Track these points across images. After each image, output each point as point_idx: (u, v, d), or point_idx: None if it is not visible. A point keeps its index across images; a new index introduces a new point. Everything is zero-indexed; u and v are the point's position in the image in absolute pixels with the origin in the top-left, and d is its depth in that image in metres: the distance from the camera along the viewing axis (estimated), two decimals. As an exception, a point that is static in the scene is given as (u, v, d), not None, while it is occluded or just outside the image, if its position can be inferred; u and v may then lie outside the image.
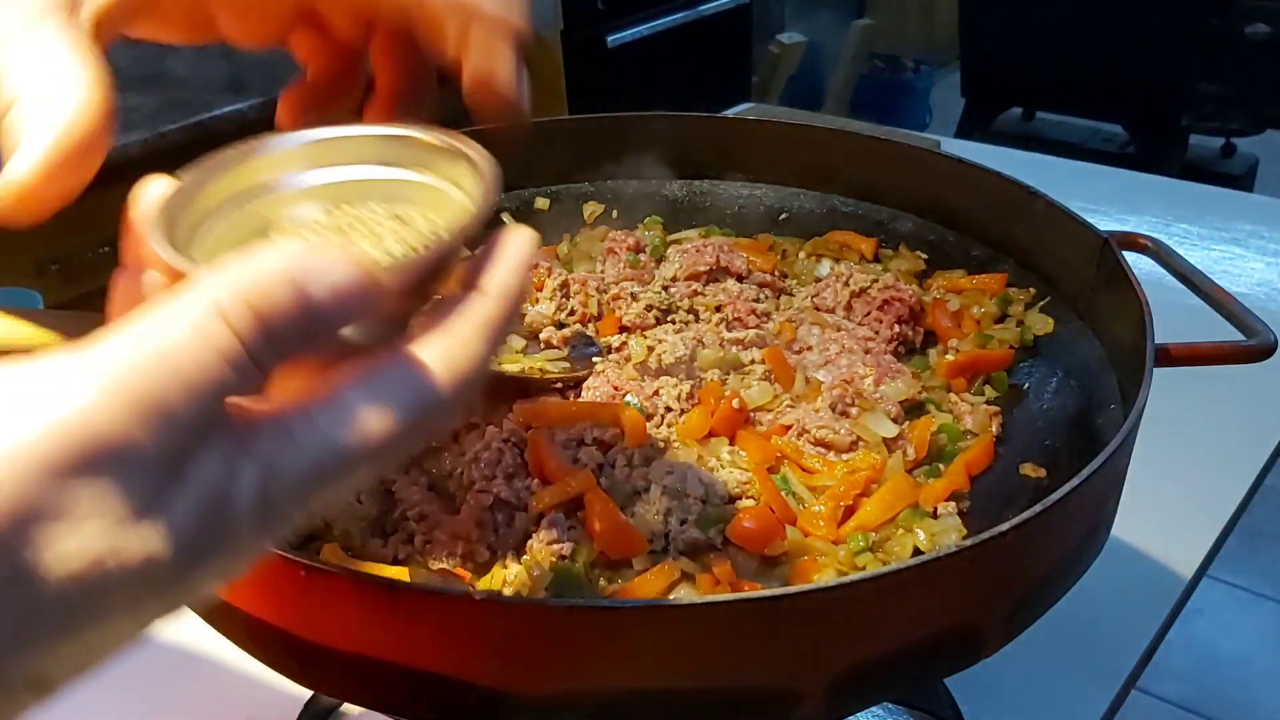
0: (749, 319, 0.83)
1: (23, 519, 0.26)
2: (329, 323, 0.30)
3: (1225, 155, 3.39)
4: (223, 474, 0.29)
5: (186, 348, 0.28)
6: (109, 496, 0.27)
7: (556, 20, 2.62)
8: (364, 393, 0.31)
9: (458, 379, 0.33)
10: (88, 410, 0.27)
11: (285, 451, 0.30)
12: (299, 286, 0.30)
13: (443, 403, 0.32)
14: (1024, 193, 0.82)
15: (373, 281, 0.31)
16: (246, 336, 0.29)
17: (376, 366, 0.32)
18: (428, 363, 0.32)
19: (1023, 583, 0.55)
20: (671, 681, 0.49)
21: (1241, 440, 1.07)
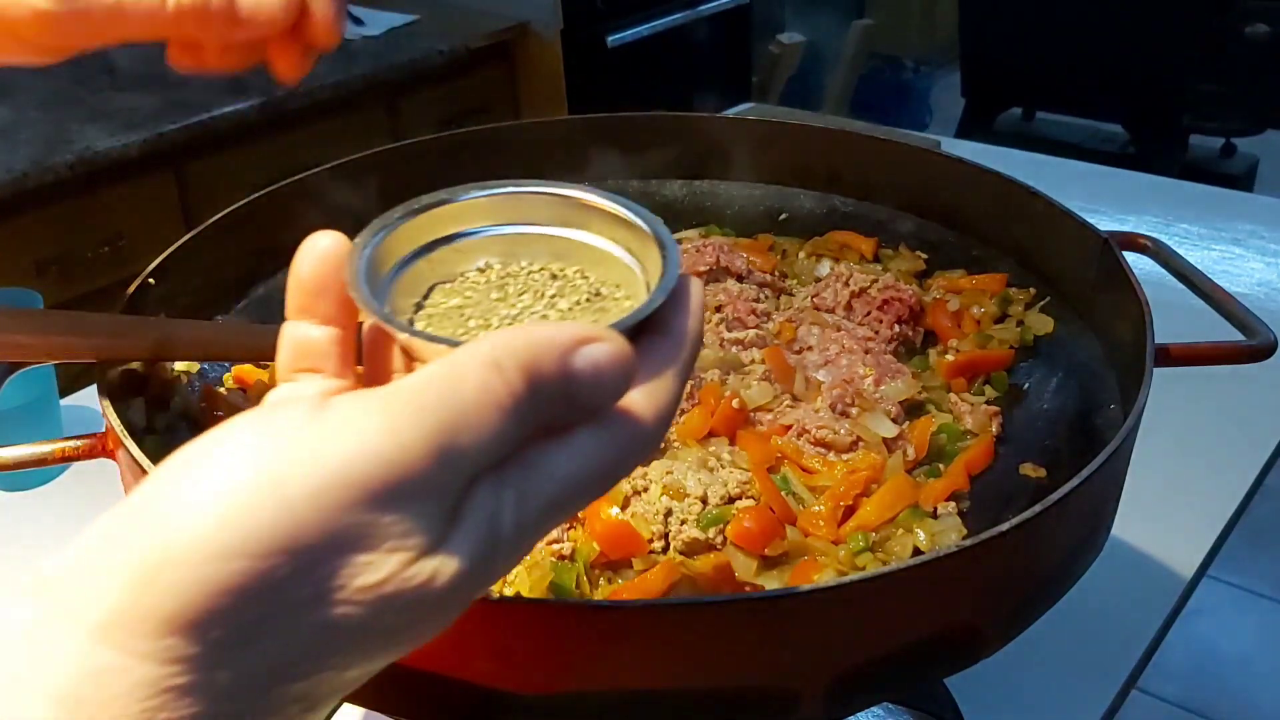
0: (749, 319, 0.82)
1: (335, 544, 0.29)
2: (585, 402, 0.34)
3: (1225, 155, 3.38)
4: (494, 507, 0.32)
5: (474, 400, 0.31)
6: (411, 530, 0.30)
7: (556, 20, 2.62)
8: (593, 434, 0.34)
9: (661, 419, 0.36)
10: (396, 448, 0.29)
11: (532, 483, 0.33)
12: (566, 361, 0.33)
13: (649, 439, 0.36)
14: (1024, 193, 0.82)
15: (629, 368, 0.34)
16: (521, 396, 0.32)
17: (603, 414, 0.35)
18: (639, 406, 0.35)
19: (1023, 583, 0.55)
20: (671, 681, 0.49)
21: (1241, 440, 1.07)
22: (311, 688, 0.30)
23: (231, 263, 0.83)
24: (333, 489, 0.29)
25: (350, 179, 0.89)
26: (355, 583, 0.29)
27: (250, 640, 0.28)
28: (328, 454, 0.29)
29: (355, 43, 2.43)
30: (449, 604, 0.32)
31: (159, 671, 0.28)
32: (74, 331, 0.61)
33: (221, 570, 0.28)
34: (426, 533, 0.30)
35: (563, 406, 0.33)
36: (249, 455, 0.29)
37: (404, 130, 2.38)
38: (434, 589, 0.30)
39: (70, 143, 1.91)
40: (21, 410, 1.00)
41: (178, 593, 0.28)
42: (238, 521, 0.28)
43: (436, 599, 0.31)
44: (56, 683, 0.27)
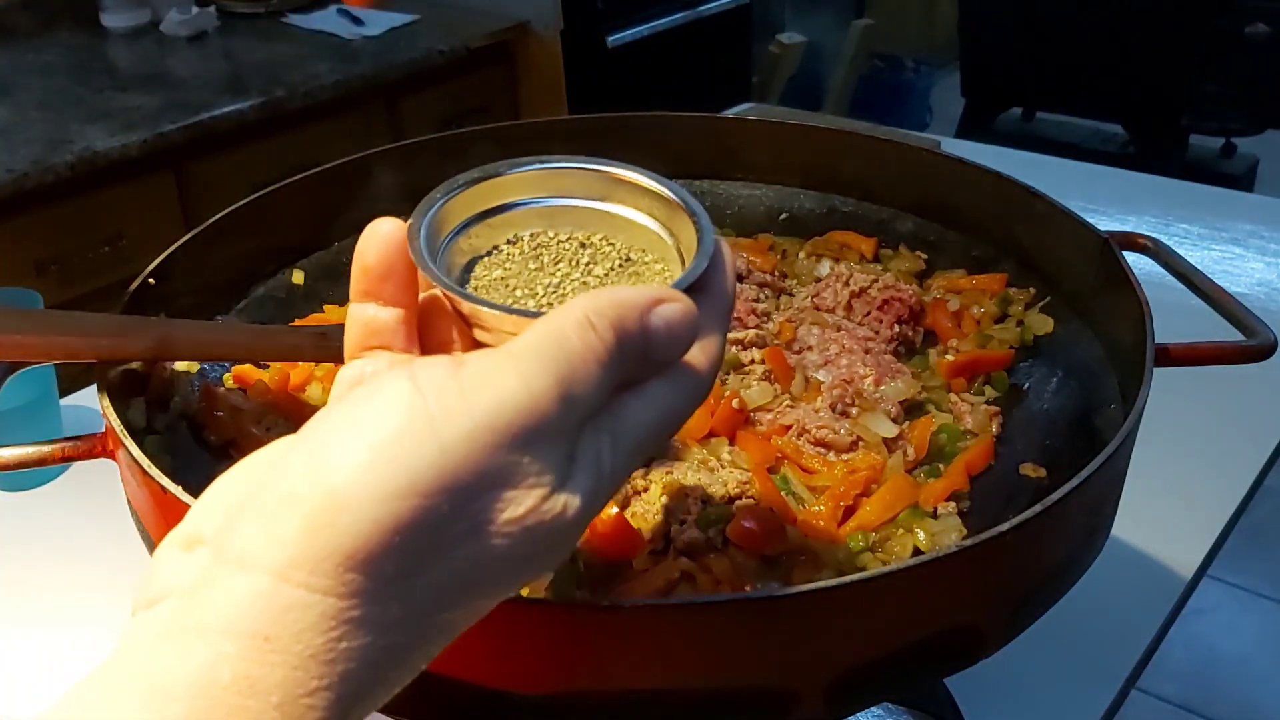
0: (749, 319, 0.82)
1: (487, 482, 0.33)
2: (659, 356, 0.38)
3: (1225, 155, 3.38)
4: (597, 449, 0.36)
5: (580, 354, 0.35)
6: (545, 468, 0.34)
7: (556, 20, 2.62)
8: (663, 385, 0.39)
9: (714, 369, 0.40)
10: (529, 396, 0.33)
11: (621, 429, 0.37)
12: (645, 319, 0.37)
13: (705, 386, 0.40)
14: (1024, 193, 0.82)
15: (696, 326, 0.38)
16: (613, 350, 0.36)
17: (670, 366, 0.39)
18: (696, 358, 0.40)
19: (1023, 583, 0.55)
20: (671, 681, 0.49)
21: (1241, 440, 1.07)
22: (460, 616, 0.34)
23: (231, 263, 0.83)
24: (482, 432, 0.32)
25: (350, 179, 0.89)
26: (503, 516, 0.33)
27: (417, 572, 0.32)
28: (474, 402, 0.33)
29: (355, 43, 2.43)
30: (571, 535, 0.36)
31: (340, 605, 0.31)
32: (74, 331, 0.61)
33: (392, 509, 0.31)
34: (556, 470, 0.34)
35: (641, 360, 0.37)
36: (403, 405, 0.32)
37: (404, 130, 2.38)
38: (564, 521, 0.34)
39: (70, 143, 1.91)
40: (21, 410, 1.00)
41: (355, 532, 0.31)
42: (403, 464, 0.31)
43: (564, 530, 0.35)
44: (244, 624, 0.30)
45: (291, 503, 0.31)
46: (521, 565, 0.35)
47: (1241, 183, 3.27)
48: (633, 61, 2.82)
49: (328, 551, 0.31)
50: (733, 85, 3.16)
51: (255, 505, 0.32)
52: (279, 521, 0.31)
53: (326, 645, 0.30)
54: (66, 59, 2.35)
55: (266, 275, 0.85)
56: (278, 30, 2.54)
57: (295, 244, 0.87)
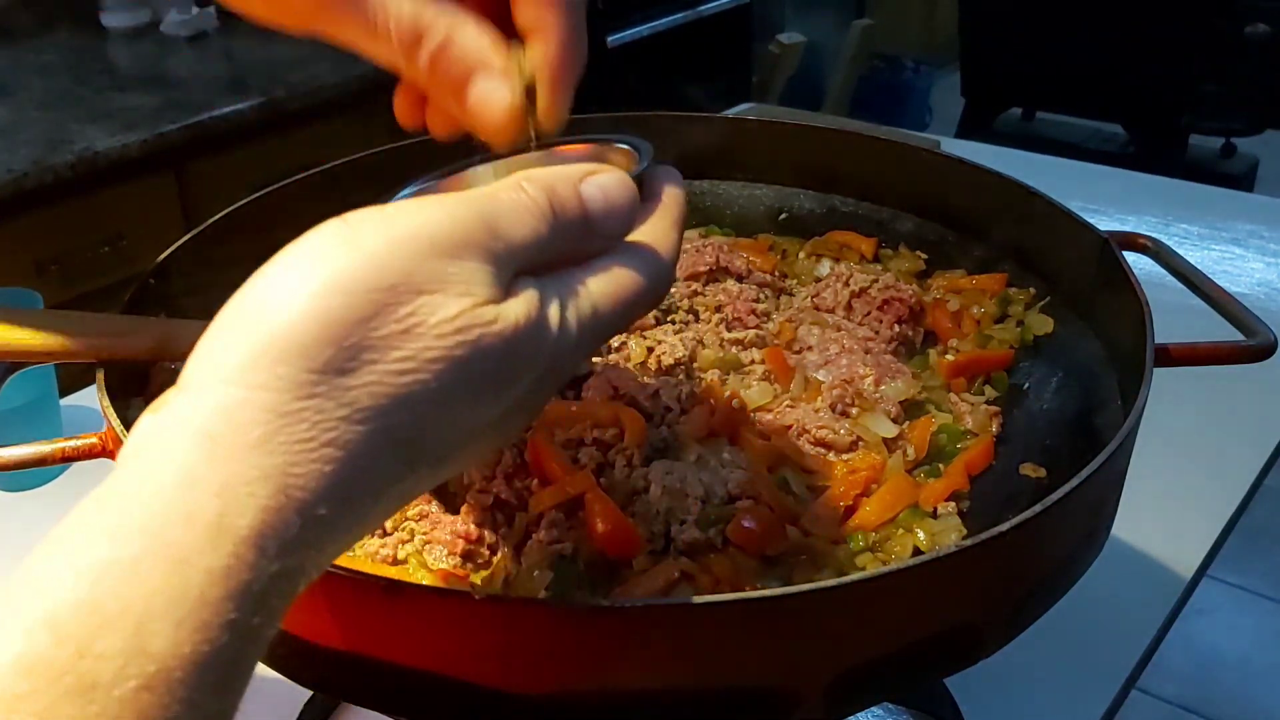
0: (749, 319, 0.82)
1: (413, 284, 0.34)
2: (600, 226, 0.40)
3: (1225, 155, 3.38)
4: (540, 295, 0.38)
5: (508, 203, 0.38)
6: (472, 280, 0.35)
7: (556, 20, 2.61)
8: (615, 258, 0.41)
9: (669, 256, 0.43)
10: (450, 219, 0.36)
11: (572, 292, 0.39)
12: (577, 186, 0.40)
13: (665, 271, 0.43)
14: (1024, 193, 0.82)
15: (634, 195, 0.41)
16: (545, 209, 0.38)
17: (623, 244, 0.42)
18: (648, 239, 0.42)
19: (1023, 583, 0.55)
20: (671, 681, 0.49)
21: (1241, 440, 1.07)
22: (425, 438, 0.35)
23: (232, 263, 0.82)
24: (405, 240, 0.35)
25: (350, 179, 0.89)
26: (434, 318, 0.34)
27: (352, 369, 0.33)
28: (397, 220, 0.36)
29: (355, 43, 2.43)
30: (514, 360, 0.37)
31: (273, 398, 0.32)
32: (74, 331, 0.61)
33: (314, 305, 0.33)
34: (486, 286, 0.36)
35: (582, 229, 0.39)
36: (330, 228, 0.36)
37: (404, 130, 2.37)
38: (501, 333, 0.36)
39: (70, 143, 1.91)
40: (21, 410, 1.00)
41: (281, 329, 0.33)
42: (326, 267, 0.34)
43: (504, 349, 0.36)
44: (194, 425, 0.32)
45: (237, 318, 0.34)
46: (469, 384, 0.36)
47: (1241, 183, 3.27)
48: (633, 61, 2.82)
49: (260, 349, 0.33)
50: (733, 85, 3.16)
51: (212, 332, 0.35)
52: (225, 336, 0.34)
53: (263, 437, 0.32)
54: (66, 59, 2.35)
55: (266, 275, 0.85)
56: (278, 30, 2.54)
57: (295, 244, 0.87)
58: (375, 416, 0.34)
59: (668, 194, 0.45)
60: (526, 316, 0.37)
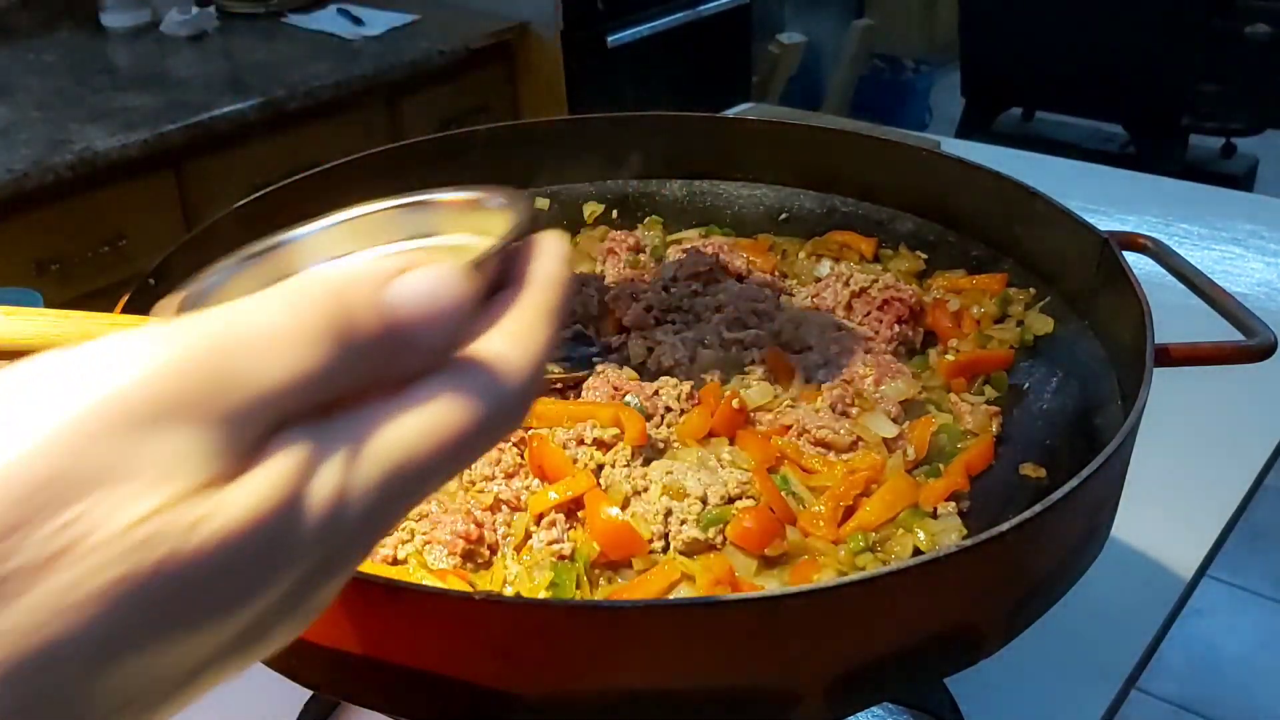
0: (749, 319, 0.82)
1: (79, 479, 0.24)
2: (417, 339, 0.29)
3: (1225, 155, 3.38)
4: (307, 453, 0.27)
5: (268, 325, 0.26)
6: (180, 459, 0.25)
7: (556, 20, 2.62)
8: (438, 385, 0.29)
9: (528, 368, 0.31)
10: (166, 365, 0.25)
11: (365, 442, 0.28)
12: (382, 291, 0.28)
13: (518, 391, 0.31)
14: (1024, 193, 0.82)
15: (465, 295, 0.29)
16: (329, 327, 0.27)
17: (450, 361, 0.30)
18: (500, 353, 0.31)
19: (1023, 583, 0.55)
20: (671, 681, 0.49)
21: (1241, 440, 1.07)
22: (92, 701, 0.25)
23: (231, 263, 0.82)
24: (82, 414, 0.24)
25: (350, 179, 0.89)
26: (104, 528, 0.24)
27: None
28: (79, 376, 0.25)
29: (355, 43, 2.43)
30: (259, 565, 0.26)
31: None
32: (74, 331, 0.61)
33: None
34: (205, 460, 0.25)
35: (388, 347, 0.28)
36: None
37: (404, 130, 2.37)
38: (216, 536, 0.25)
39: (70, 143, 1.91)
40: (21, 410, 1.00)
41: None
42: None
43: (228, 557, 0.25)
44: None
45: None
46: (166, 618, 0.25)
47: (1241, 183, 3.27)
48: (633, 61, 2.82)
49: None
50: (733, 85, 3.16)
51: None
52: None
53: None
54: (66, 59, 2.35)
55: (266, 275, 0.85)
56: (278, 30, 2.54)
57: (295, 244, 0.87)
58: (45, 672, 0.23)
59: (538, 275, 0.34)
60: (270, 500, 0.26)
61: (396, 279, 0.28)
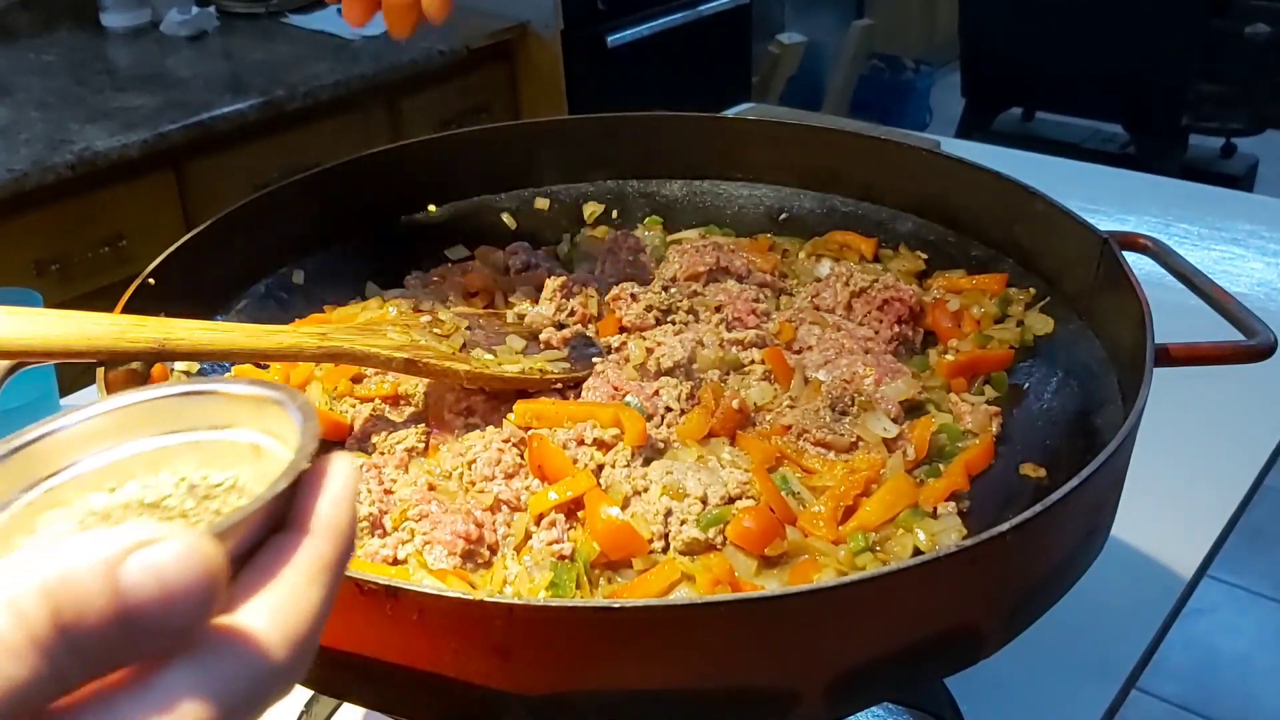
0: (749, 319, 0.82)
1: None
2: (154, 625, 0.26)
3: (1225, 155, 3.39)
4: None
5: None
6: None
7: (556, 20, 2.62)
8: (183, 674, 0.27)
9: (293, 639, 0.28)
10: None
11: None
12: (113, 575, 0.25)
13: (278, 671, 0.28)
14: (1024, 193, 0.82)
15: (210, 573, 0.26)
16: (46, 642, 0.25)
17: (198, 642, 0.27)
18: (257, 629, 0.28)
19: (1023, 583, 0.55)
20: (671, 681, 0.49)
21: (1241, 440, 1.07)
22: None
23: (231, 263, 0.83)
24: None
25: (350, 179, 0.89)
26: None
27: None
28: None
29: (355, 43, 2.43)
30: None
31: None
32: (74, 331, 0.61)
33: None
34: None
35: (121, 637, 0.25)
36: None
37: (404, 130, 2.37)
38: None
39: (70, 143, 1.91)
40: (21, 410, 1.00)
41: None
42: None
43: None
44: None
45: None
46: None
47: (1241, 183, 3.27)
48: (633, 61, 2.82)
49: None
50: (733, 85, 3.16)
51: None
52: None
53: None
54: (66, 59, 2.35)
55: (267, 275, 0.85)
56: (278, 30, 2.54)
57: (295, 244, 0.87)
58: None
59: (321, 519, 0.31)
60: None
61: (130, 559, 0.26)
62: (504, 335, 0.79)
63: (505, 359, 0.76)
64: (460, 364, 0.72)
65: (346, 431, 0.74)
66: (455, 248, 0.94)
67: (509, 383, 0.74)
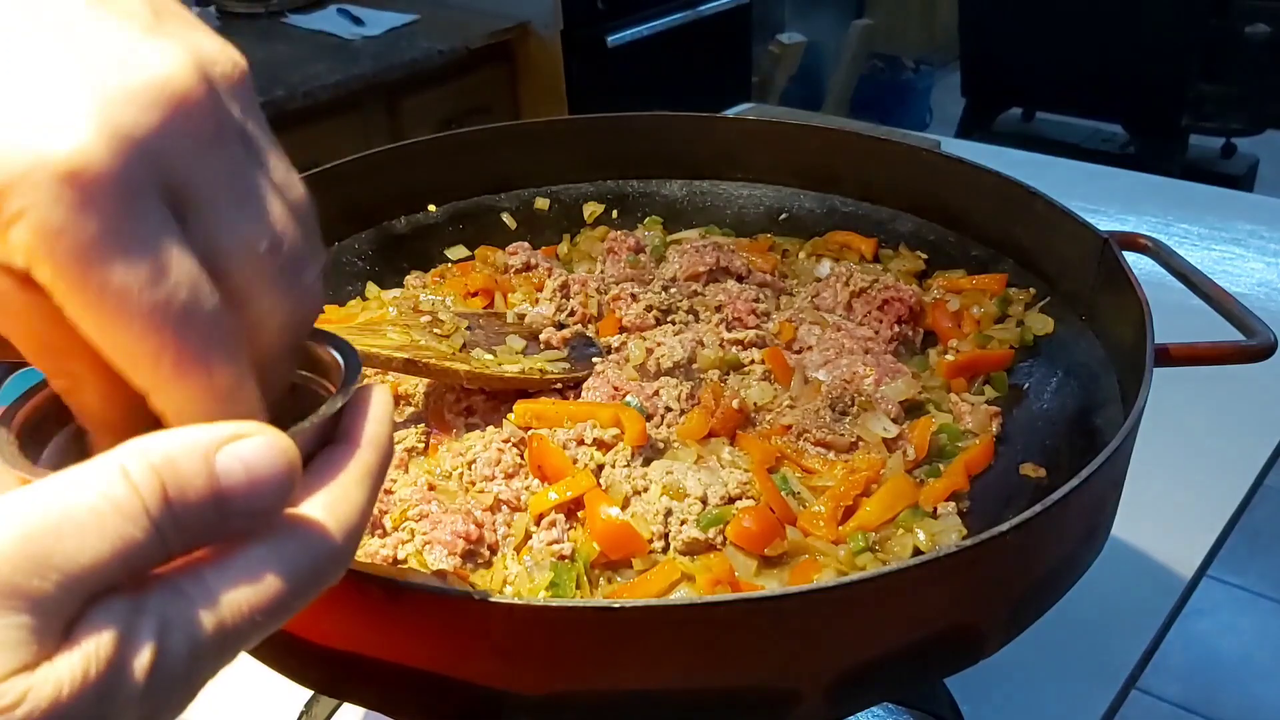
0: (749, 319, 0.82)
1: None
2: (242, 507, 0.30)
3: (1225, 155, 3.39)
4: (124, 630, 0.28)
5: (88, 505, 0.28)
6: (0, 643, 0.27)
7: (556, 20, 2.62)
8: (260, 552, 0.31)
9: (346, 529, 0.33)
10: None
11: (186, 608, 0.30)
12: (210, 461, 0.30)
13: (335, 554, 0.33)
14: (1024, 193, 0.82)
15: (289, 465, 0.31)
16: (155, 511, 0.29)
17: (270, 526, 0.32)
18: (317, 517, 0.33)
19: (1023, 583, 0.55)
20: (671, 681, 0.49)
21: (1241, 440, 1.07)
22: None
23: (231, 263, 0.82)
24: None
25: (350, 179, 0.89)
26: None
27: None
28: None
29: (355, 43, 2.43)
30: None
31: None
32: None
33: None
34: (18, 646, 0.27)
35: (215, 515, 0.30)
36: None
37: (404, 130, 2.37)
38: (42, 706, 0.27)
39: (70, 143, 1.91)
40: (21, 410, 1.00)
41: None
42: None
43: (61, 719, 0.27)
44: None
45: None
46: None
47: (1241, 183, 3.28)
48: (633, 61, 2.82)
49: None
50: (733, 85, 3.16)
51: None
52: None
53: None
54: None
55: (266, 275, 0.85)
56: (278, 30, 2.54)
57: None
58: None
59: (366, 434, 0.36)
60: (83, 678, 0.27)
61: (224, 448, 0.30)
62: (504, 335, 0.79)
63: (505, 359, 0.76)
64: (460, 364, 0.72)
65: (346, 431, 0.74)
66: (455, 248, 0.94)
67: (509, 383, 0.74)
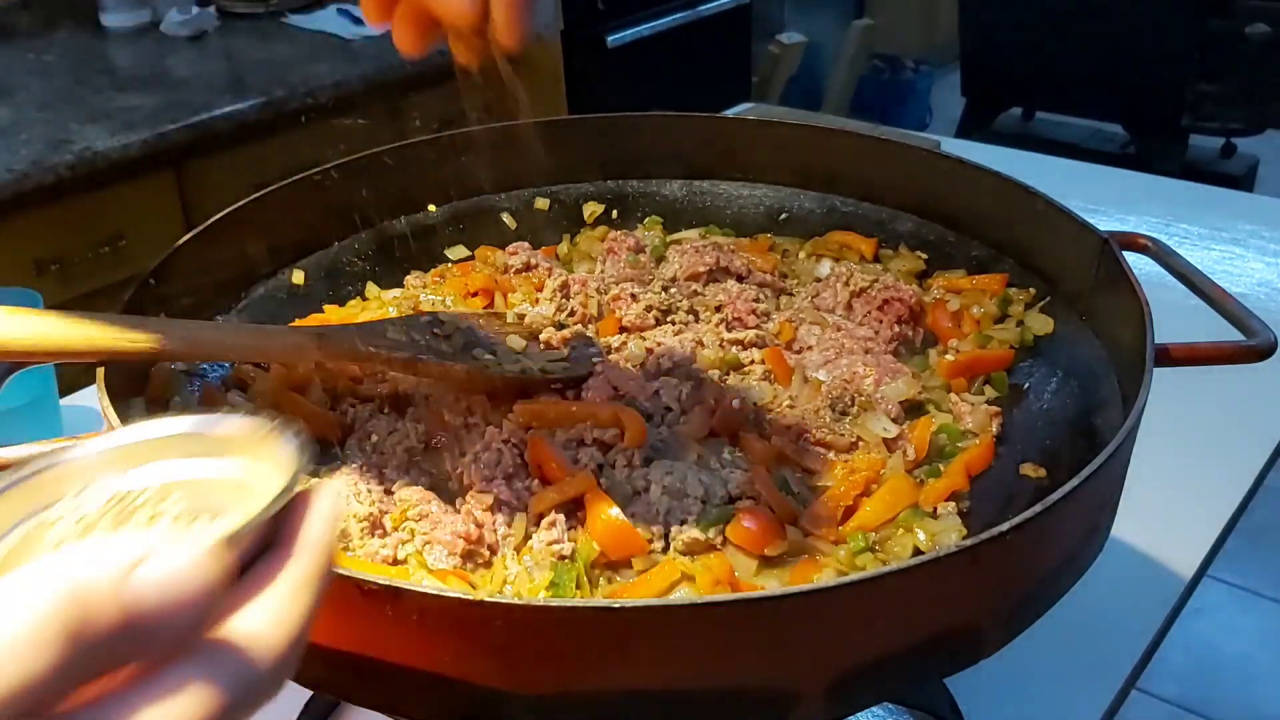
0: (749, 319, 0.82)
1: None
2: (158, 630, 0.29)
3: (1225, 155, 3.39)
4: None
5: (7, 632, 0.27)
6: None
7: (557, 20, 2.62)
8: (186, 670, 0.29)
9: (284, 639, 0.32)
10: None
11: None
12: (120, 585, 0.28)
13: (271, 667, 0.32)
14: (1024, 193, 0.82)
15: (206, 585, 0.29)
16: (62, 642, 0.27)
17: (198, 644, 0.30)
18: (254, 631, 0.31)
19: (1023, 583, 0.55)
20: (671, 681, 0.49)
21: (1241, 440, 1.07)
22: None
23: (231, 263, 0.83)
24: None
25: (350, 179, 0.89)
26: None
27: None
28: None
29: (355, 43, 2.43)
30: None
31: None
32: (74, 331, 0.61)
33: None
34: None
35: (130, 640, 0.28)
36: None
37: (404, 130, 2.37)
38: None
39: (70, 143, 1.91)
40: (21, 410, 1.00)
41: None
42: None
43: None
44: None
45: None
46: None
47: (1241, 183, 3.28)
48: (633, 61, 2.82)
49: None
50: (733, 85, 3.16)
51: None
52: None
53: None
54: (66, 59, 2.35)
55: (266, 275, 0.85)
56: (278, 30, 2.53)
57: (295, 244, 0.87)
58: None
59: (304, 540, 0.34)
60: None
61: (136, 571, 0.28)
62: (504, 335, 0.79)
63: (505, 359, 0.76)
64: (460, 364, 0.72)
65: (347, 431, 0.74)
66: (455, 248, 0.94)
67: (509, 383, 0.74)
